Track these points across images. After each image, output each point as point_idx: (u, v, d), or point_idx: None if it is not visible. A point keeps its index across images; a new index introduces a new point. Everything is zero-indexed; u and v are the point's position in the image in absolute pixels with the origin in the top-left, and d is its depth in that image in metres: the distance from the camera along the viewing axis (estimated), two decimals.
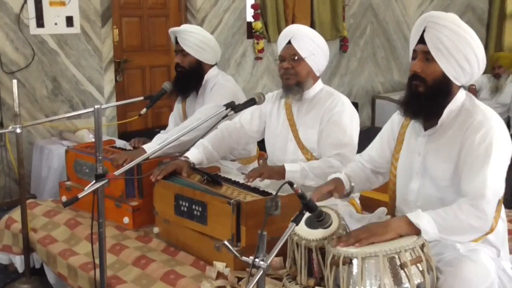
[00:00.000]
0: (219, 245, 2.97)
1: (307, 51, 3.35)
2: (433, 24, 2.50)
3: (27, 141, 5.43)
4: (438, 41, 2.49)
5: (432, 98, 2.55)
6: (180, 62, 4.02)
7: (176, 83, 4.06)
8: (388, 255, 2.21)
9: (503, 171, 2.50)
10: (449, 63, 2.50)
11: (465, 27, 2.52)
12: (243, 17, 7.27)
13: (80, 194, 2.38)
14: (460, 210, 2.39)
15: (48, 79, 5.59)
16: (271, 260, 1.99)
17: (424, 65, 2.54)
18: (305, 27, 3.49)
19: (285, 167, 3.30)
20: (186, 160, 3.45)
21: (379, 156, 2.97)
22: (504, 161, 2.50)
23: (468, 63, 2.51)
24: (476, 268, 2.34)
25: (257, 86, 7.53)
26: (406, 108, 2.65)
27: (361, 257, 2.22)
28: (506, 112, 7.96)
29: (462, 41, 2.49)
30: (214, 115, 3.01)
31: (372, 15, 8.83)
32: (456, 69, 2.52)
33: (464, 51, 2.49)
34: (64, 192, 3.97)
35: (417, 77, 2.56)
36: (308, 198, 2.25)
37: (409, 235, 2.35)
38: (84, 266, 3.20)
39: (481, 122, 2.50)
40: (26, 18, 5.35)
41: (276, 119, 3.60)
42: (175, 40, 4.02)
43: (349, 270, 2.25)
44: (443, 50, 2.49)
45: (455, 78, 2.54)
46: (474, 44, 2.51)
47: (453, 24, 2.50)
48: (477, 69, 2.56)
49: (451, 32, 2.48)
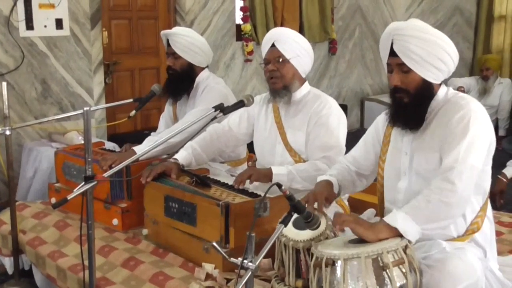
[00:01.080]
0: (208, 246, 2.97)
1: (291, 52, 3.37)
2: (399, 36, 2.54)
3: (16, 143, 5.41)
4: (408, 51, 2.52)
5: (418, 105, 2.59)
6: (172, 65, 4.02)
7: (167, 85, 4.06)
8: (370, 256, 2.21)
9: (482, 152, 2.49)
10: (425, 69, 2.54)
11: (429, 30, 2.56)
12: (232, 19, 7.28)
13: (69, 196, 2.38)
14: (431, 191, 2.40)
15: (38, 81, 5.58)
16: (259, 261, 2.00)
17: (403, 77, 2.57)
18: (288, 30, 3.51)
19: (272, 170, 3.32)
20: (175, 161, 3.44)
21: (363, 159, 2.99)
22: (483, 143, 2.50)
23: (443, 62, 2.55)
24: (461, 264, 2.34)
25: (246, 88, 7.55)
26: (395, 120, 2.68)
27: (344, 258, 2.23)
28: (495, 114, 8.02)
29: (431, 44, 2.52)
30: (203, 117, 3.03)
31: (360, 17, 8.86)
32: (433, 72, 2.55)
33: (435, 53, 2.52)
34: (53, 194, 3.96)
35: (399, 89, 2.59)
36: (296, 200, 2.26)
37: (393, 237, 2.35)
38: (73, 268, 3.18)
39: (461, 105, 2.53)
40: (16, 20, 5.34)
41: (264, 122, 3.61)
42: (167, 42, 4.02)
43: (331, 272, 2.25)
44: (416, 58, 2.52)
45: (435, 79, 2.59)
46: (442, 43, 2.55)
47: (417, 31, 2.53)
48: (452, 64, 2.59)
49: (418, 40, 2.51)
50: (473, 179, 2.45)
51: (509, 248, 3.20)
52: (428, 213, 2.39)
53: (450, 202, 2.39)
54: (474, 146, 2.45)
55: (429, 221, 2.39)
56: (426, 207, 2.39)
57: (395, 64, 2.58)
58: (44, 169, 5.04)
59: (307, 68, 3.48)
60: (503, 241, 3.29)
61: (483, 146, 2.50)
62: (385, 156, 2.83)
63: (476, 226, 2.60)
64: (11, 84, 5.35)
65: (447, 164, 2.44)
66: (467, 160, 2.42)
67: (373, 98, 8.93)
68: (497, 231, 2.94)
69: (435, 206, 2.38)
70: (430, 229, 2.41)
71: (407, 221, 2.36)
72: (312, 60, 3.51)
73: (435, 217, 2.39)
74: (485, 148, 2.52)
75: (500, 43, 9.42)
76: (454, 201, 2.40)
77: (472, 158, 2.44)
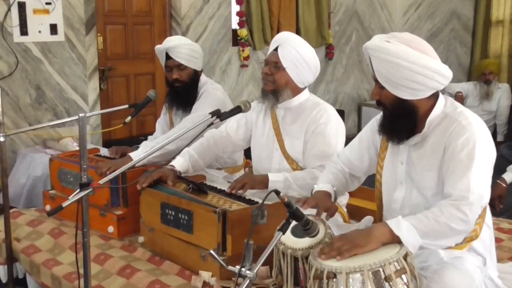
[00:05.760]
0: (205, 254, 2.95)
1: (289, 62, 3.33)
2: (372, 56, 2.56)
3: (11, 150, 5.38)
4: (378, 71, 2.54)
5: (397, 120, 2.59)
6: (179, 77, 3.97)
7: (176, 98, 4.04)
8: (372, 269, 2.19)
9: (486, 176, 2.50)
10: (396, 88, 2.52)
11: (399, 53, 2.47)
12: (228, 24, 7.26)
13: (64, 203, 2.34)
14: (441, 213, 2.39)
15: (32, 87, 5.55)
16: (257, 269, 1.97)
17: (380, 92, 2.60)
18: (296, 38, 3.43)
19: (268, 176, 3.30)
20: (171, 168, 3.43)
21: (358, 161, 2.98)
22: (487, 166, 2.51)
23: (416, 83, 2.49)
24: (458, 275, 2.33)
25: (243, 93, 7.52)
26: (382, 130, 2.71)
27: (346, 272, 2.20)
28: (493, 119, 8.00)
29: (398, 68, 2.47)
30: (199, 123, 3.00)
31: (357, 22, 8.86)
32: (406, 91, 2.52)
33: (404, 76, 2.47)
34: (48, 201, 3.93)
35: (379, 102, 2.63)
36: (295, 207, 2.24)
37: (392, 243, 2.35)
38: (68, 276, 3.17)
39: (464, 127, 2.50)
40: (10, 26, 5.31)
41: (261, 128, 3.59)
42: (166, 56, 3.96)
43: (333, 285, 2.22)
44: (385, 78, 2.52)
45: (412, 96, 2.53)
46: (413, 66, 2.46)
47: (386, 54, 2.49)
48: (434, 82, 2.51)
49: (385, 62, 2.50)
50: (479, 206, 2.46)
51: (508, 255, 3.19)
52: (433, 231, 2.39)
53: (458, 230, 2.41)
54: (482, 175, 2.46)
55: (432, 238, 2.39)
56: (433, 226, 2.38)
57: (374, 78, 2.61)
58: (38, 176, 5.01)
59: (306, 79, 3.41)
60: (503, 248, 3.28)
61: (489, 171, 2.52)
62: (383, 162, 2.81)
63: (474, 234, 2.58)
64: (5, 90, 5.32)
65: (458, 193, 2.43)
66: (477, 190, 2.43)
67: (370, 104, 8.88)
68: (496, 238, 2.94)
69: (442, 228, 2.39)
70: (430, 245, 2.41)
71: (411, 232, 2.36)
72: (315, 73, 3.43)
73: (439, 236, 2.40)
74: (490, 169, 2.53)
75: (497, 48, 9.39)
76: (462, 230, 2.43)
77: (481, 188, 2.45)
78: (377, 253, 2.29)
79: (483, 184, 2.47)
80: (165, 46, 3.95)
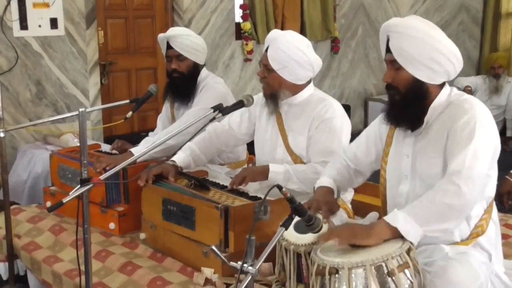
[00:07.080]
0: (207, 250, 2.95)
1: (278, 63, 3.26)
2: (393, 33, 2.52)
3: (11, 146, 5.37)
4: (400, 49, 2.50)
5: (409, 105, 2.56)
6: (177, 68, 3.93)
7: (173, 90, 4.02)
8: (375, 264, 2.17)
9: (487, 156, 2.45)
10: (416, 68, 2.50)
11: (425, 29, 2.51)
12: (231, 17, 7.22)
13: (64, 199, 2.32)
14: (435, 192, 2.37)
15: (32, 83, 5.53)
16: (259, 265, 1.95)
17: (394, 74, 2.56)
18: (285, 35, 3.35)
19: (269, 167, 3.29)
20: (173, 164, 3.42)
21: (364, 156, 2.94)
22: (489, 150, 2.46)
23: (437, 63, 2.50)
24: (463, 270, 2.30)
25: (246, 88, 7.46)
26: (388, 118, 2.67)
27: (348, 267, 2.18)
28: (502, 114, 7.95)
29: (423, 44, 2.48)
30: (201, 117, 2.96)
31: (363, 15, 8.77)
32: (425, 72, 2.51)
33: (428, 53, 2.48)
34: (49, 197, 3.92)
35: (390, 86, 2.59)
36: (297, 202, 2.20)
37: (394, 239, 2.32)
38: (69, 273, 3.16)
39: (465, 109, 2.49)
40: (9, 20, 5.29)
41: (265, 123, 3.55)
42: (167, 45, 3.93)
43: (335, 281, 2.20)
44: (407, 56, 2.50)
45: (429, 79, 2.54)
46: (437, 44, 2.50)
47: (410, 29, 2.50)
48: (451, 66, 2.54)
49: (410, 38, 2.48)
50: (479, 185, 2.41)
51: None
52: (430, 213, 2.35)
53: (454, 205, 2.35)
54: (479, 153, 2.41)
55: (430, 222, 2.35)
56: (428, 207, 2.35)
57: (388, 60, 2.58)
58: (38, 173, 5.01)
59: (301, 76, 3.34)
60: (511, 244, 3.25)
61: (489, 152, 2.46)
62: (387, 157, 2.78)
63: (480, 229, 2.56)
64: (4, 85, 5.30)
65: (453, 168, 2.40)
66: (474, 166, 2.38)
67: (377, 98, 8.80)
68: (504, 234, 2.92)
69: (438, 207, 2.35)
70: (431, 231, 2.36)
71: (408, 221, 2.33)
72: (310, 69, 3.35)
73: (437, 218, 2.35)
74: (490, 155, 2.47)
75: (507, 41, 9.30)
76: (458, 204, 2.36)
77: (478, 165, 2.40)
78: (380, 248, 2.27)
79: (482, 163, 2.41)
80: (167, 34, 3.93)
